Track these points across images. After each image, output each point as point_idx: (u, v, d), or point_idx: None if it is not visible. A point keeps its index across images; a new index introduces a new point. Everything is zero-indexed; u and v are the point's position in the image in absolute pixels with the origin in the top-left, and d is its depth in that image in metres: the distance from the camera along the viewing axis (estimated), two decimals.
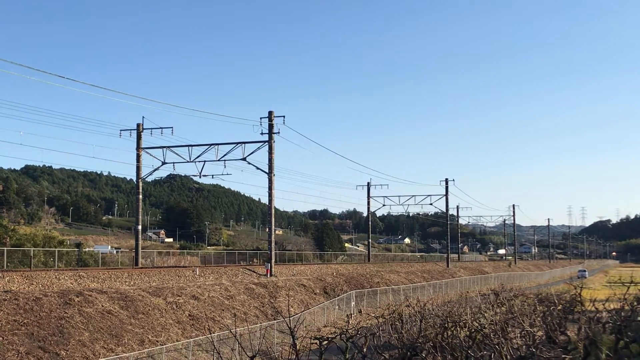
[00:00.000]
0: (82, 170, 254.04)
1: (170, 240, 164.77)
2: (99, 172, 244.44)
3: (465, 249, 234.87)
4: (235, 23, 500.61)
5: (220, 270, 44.57)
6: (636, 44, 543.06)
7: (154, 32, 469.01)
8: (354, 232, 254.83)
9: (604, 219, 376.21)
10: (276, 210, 64.96)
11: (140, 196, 50.29)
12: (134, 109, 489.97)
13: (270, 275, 46.01)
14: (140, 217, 49.90)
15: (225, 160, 46.97)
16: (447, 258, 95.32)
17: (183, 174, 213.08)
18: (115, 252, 73.66)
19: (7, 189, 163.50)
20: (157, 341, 26.53)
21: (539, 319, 17.46)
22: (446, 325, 17.87)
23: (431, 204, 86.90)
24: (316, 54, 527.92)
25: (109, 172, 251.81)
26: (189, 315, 31.02)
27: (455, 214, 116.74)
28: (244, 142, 46.64)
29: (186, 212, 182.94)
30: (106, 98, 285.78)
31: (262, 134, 45.97)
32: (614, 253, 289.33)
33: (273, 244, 47.40)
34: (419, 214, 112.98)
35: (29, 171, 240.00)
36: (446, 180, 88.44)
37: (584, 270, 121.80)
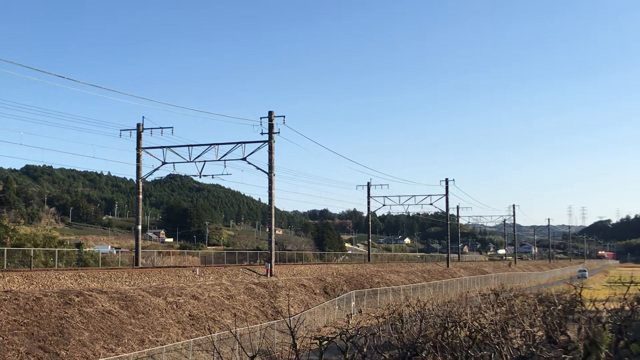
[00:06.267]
0: (82, 170, 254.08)
1: (171, 240, 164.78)
2: (99, 172, 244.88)
3: (466, 249, 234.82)
4: (235, 23, 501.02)
5: (221, 270, 44.57)
6: (636, 44, 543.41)
7: (154, 32, 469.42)
8: (354, 232, 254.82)
9: (604, 219, 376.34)
10: (276, 210, 64.98)
11: (140, 196, 50.30)
12: (134, 109, 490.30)
13: (271, 275, 46.01)
14: (140, 217, 49.90)
15: (225, 160, 47.01)
16: (447, 258, 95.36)
17: (183, 174, 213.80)
18: (115, 252, 73.72)
19: (7, 189, 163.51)
20: (157, 341, 26.53)
21: (539, 319, 17.46)
22: (446, 325, 17.87)
23: (431, 204, 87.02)
24: (316, 53, 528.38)
25: (109, 172, 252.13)
26: (189, 315, 31.03)
27: (455, 214, 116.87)
28: (244, 142, 46.67)
29: (186, 212, 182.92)
30: (106, 98, 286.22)
31: (262, 134, 46.02)
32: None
33: (273, 244, 47.40)
34: (419, 214, 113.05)
35: (29, 171, 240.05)
36: (446, 180, 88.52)
37: (584, 270, 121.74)
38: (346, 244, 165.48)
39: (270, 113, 46.15)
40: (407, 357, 16.07)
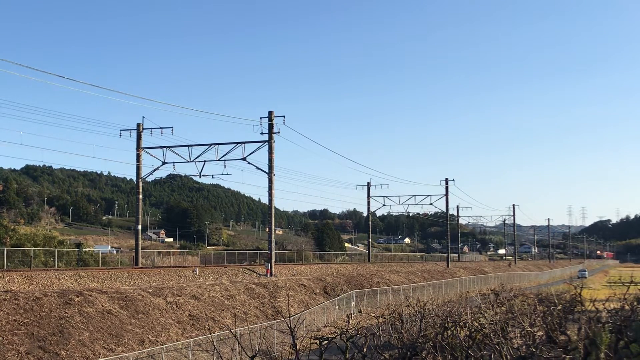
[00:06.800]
0: (82, 170, 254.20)
1: (170, 240, 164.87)
2: (99, 172, 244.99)
3: (465, 249, 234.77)
4: (236, 23, 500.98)
5: (220, 270, 44.58)
6: (636, 44, 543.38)
7: (154, 32, 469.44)
8: (354, 232, 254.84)
9: (604, 219, 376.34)
10: (276, 210, 64.97)
11: (140, 196, 50.30)
12: (134, 109, 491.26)
13: (271, 275, 46.02)
14: (140, 217, 49.90)
15: (225, 160, 47.05)
16: (447, 258, 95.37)
17: (183, 174, 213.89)
18: (115, 252, 73.69)
19: (7, 189, 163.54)
20: (157, 341, 26.53)
21: (539, 319, 17.45)
22: (446, 325, 17.86)
23: (431, 204, 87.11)
24: (316, 53, 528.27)
25: (109, 172, 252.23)
26: (189, 315, 31.03)
27: (455, 214, 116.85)
28: (244, 142, 46.69)
29: (186, 212, 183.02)
30: (106, 98, 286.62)
31: (262, 134, 46.05)
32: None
33: (273, 243, 47.41)
34: (419, 214, 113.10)
35: (29, 171, 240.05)
36: (446, 180, 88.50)
37: (584, 270, 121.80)
38: (346, 244, 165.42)
39: (270, 113, 46.16)
40: (407, 357, 16.06)
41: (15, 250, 45.16)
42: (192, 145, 47.92)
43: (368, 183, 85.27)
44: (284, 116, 46.14)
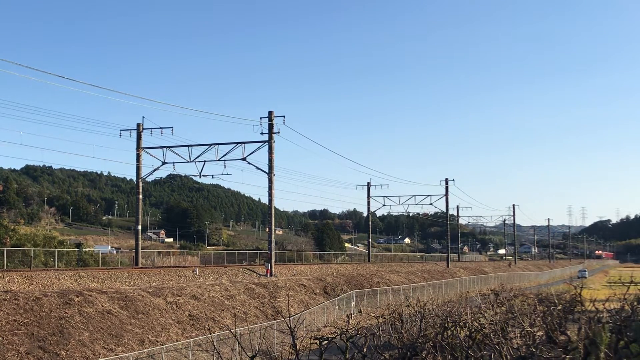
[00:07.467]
0: (82, 170, 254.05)
1: (170, 240, 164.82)
2: (99, 172, 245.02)
3: (465, 249, 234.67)
4: (236, 23, 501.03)
5: (220, 270, 44.58)
6: (636, 44, 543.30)
7: (154, 32, 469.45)
8: (354, 232, 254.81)
9: (604, 219, 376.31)
10: (276, 210, 64.97)
11: (140, 196, 50.30)
12: (134, 109, 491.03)
13: (270, 275, 46.01)
14: (140, 217, 49.90)
15: (225, 160, 47.07)
16: (447, 258, 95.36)
17: (183, 174, 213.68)
18: (115, 252, 73.66)
19: (7, 189, 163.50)
20: (157, 341, 26.53)
21: (539, 319, 17.43)
22: (446, 325, 17.84)
23: (431, 204, 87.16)
24: (316, 54, 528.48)
25: (109, 172, 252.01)
26: (189, 315, 31.03)
27: (455, 214, 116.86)
28: (244, 142, 46.71)
29: (186, 212, 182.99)
30: (106, 98, 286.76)
31: (262, 134, 46.06)
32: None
33: (273, 244, 47.41)
34: (419, 214, 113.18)
35: (29, 171, 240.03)
36: (446, 180, 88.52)
37: (584, 270, 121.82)
38: (346, 244, 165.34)
39: (270, 113, 46.16)
40: (407, 357, 16.05)
41: (15, 250, 45.15)
42: (192, 145, 47.97)
43: (368, 183, 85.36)
44: (284, 116, 46.21)
